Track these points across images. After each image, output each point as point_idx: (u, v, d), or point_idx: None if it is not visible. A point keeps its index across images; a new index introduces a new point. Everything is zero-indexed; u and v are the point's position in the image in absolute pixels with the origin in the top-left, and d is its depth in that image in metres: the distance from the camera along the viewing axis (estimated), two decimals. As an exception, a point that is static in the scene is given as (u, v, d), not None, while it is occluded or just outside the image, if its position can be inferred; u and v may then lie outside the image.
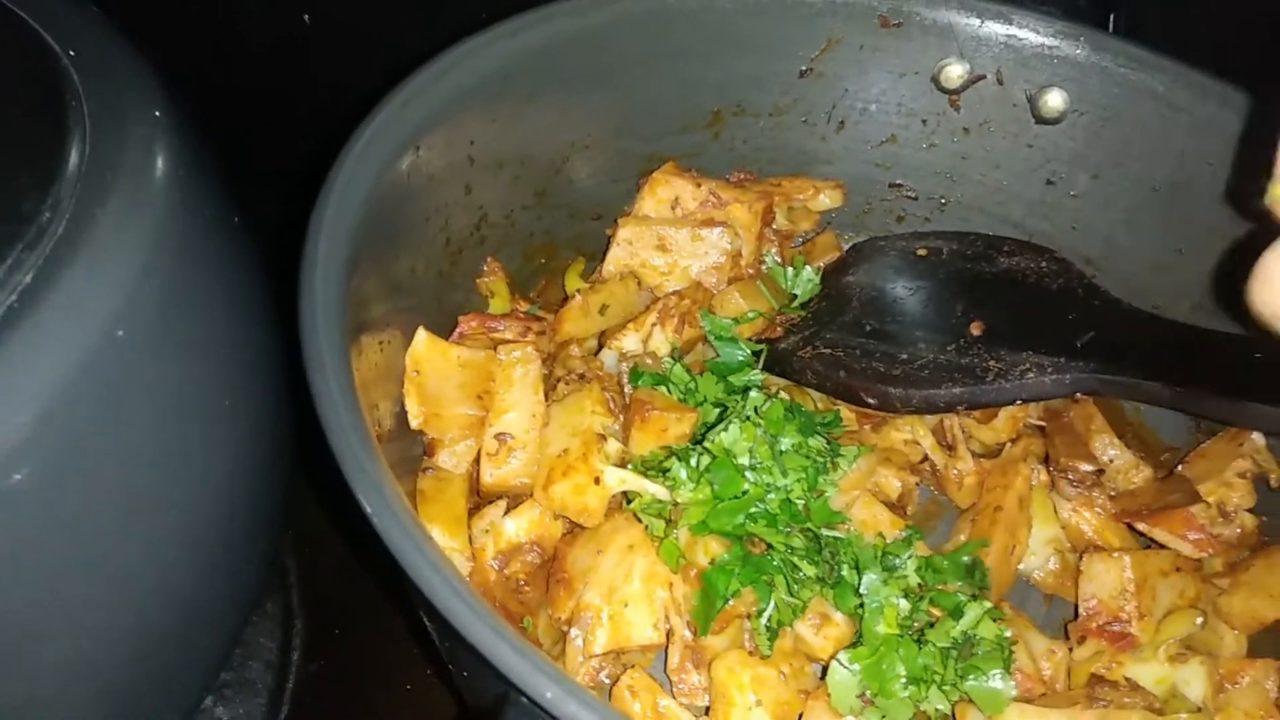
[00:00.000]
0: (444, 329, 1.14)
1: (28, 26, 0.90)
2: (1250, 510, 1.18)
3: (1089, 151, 1.34)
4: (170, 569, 0.83)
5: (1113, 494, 1.18)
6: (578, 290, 1.23)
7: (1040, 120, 1.35)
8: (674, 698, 0.97)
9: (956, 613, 1.00)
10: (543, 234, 1.30)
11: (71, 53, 0.89)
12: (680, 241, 1.25)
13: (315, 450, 0.77)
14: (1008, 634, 1.00)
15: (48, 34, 0.90)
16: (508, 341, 1.12)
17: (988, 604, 1.01)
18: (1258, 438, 1.18)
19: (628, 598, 0.96)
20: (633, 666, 0.98)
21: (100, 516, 0.76)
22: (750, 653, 1.00)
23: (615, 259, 1.25)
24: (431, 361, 1.05)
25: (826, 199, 1.44)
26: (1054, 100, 1.33)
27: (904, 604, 1.00)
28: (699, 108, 1.37)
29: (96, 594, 0.77)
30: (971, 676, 0.97)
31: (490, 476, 1.04)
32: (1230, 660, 1.08)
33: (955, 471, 1.19)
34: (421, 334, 1.05)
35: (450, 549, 1.01)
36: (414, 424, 1.04)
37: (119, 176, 0.81)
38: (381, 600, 1.19)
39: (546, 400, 1.07)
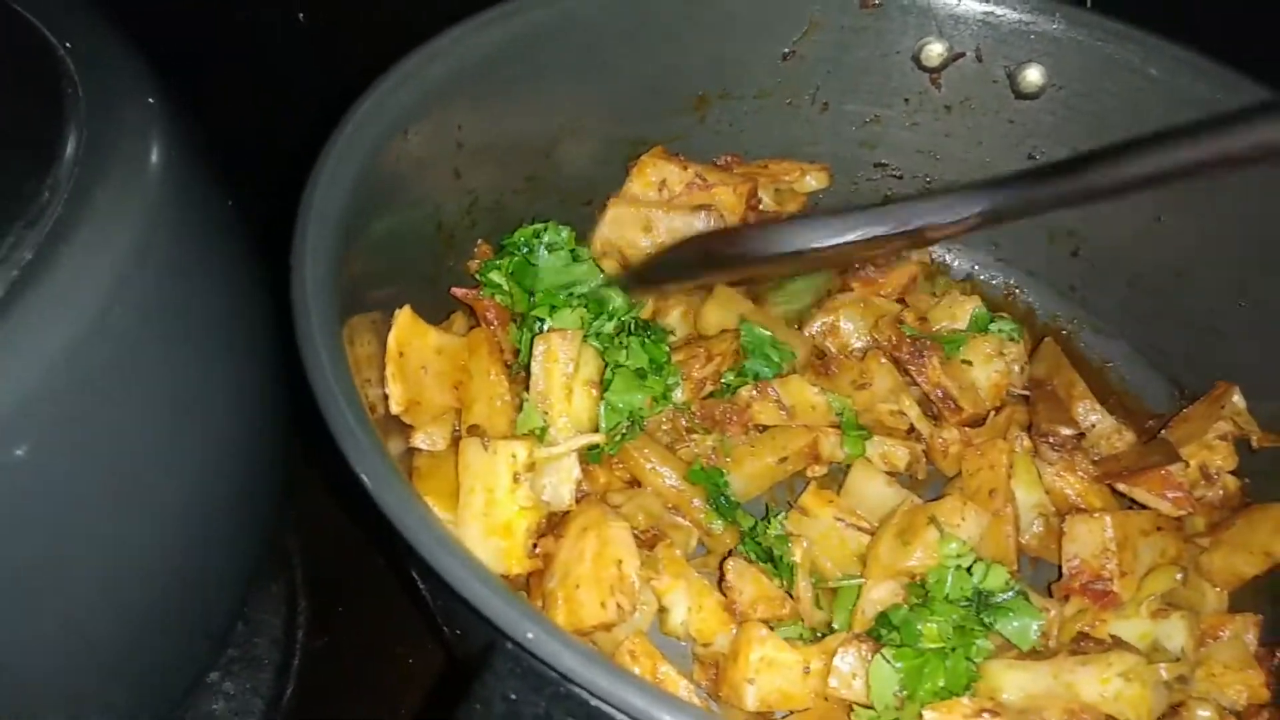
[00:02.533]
0: (436, 312, 1.17)
1: (27, 22, 0.93)
2: (1232, 472, 1.20)
3: (1068, 125, 1.36)
4: (169, 543, 0.86)
5: (1095, 458, 1.20)
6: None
7: (1020, 96, 1.38)
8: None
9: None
10: (533, 218, 1.32)
11: (68, 45, 0.92)
12: (664, 223, 1.27)
13: (314, 428, 0.80)
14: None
15: (46, 28, 0.93)
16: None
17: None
18: (1238, 400, 1.21)
19: (579, 579, 0.97)
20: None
21: (99, 490, 0.79)
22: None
23: (601, 238, 1.28)
24: (411, 344, 1.05)
25: (813, 180, 1.46)
26: (1032, 75, 1.35)
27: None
28: (684, 92, 1.40)
29: (95, 568, 0.80)
30: (999, 620, 1.00)
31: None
32: (1212, 616, 1.10)
33: (941, 440, 1.21)
34: (403, 312, 1.05)
35: (449, 523, 1.03)
36: (395, 409, 1.03)
37: (114, 160, 0.84)
38: (384, 577, 1.22)
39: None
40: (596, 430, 1.10)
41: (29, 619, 0.81)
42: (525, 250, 1.17)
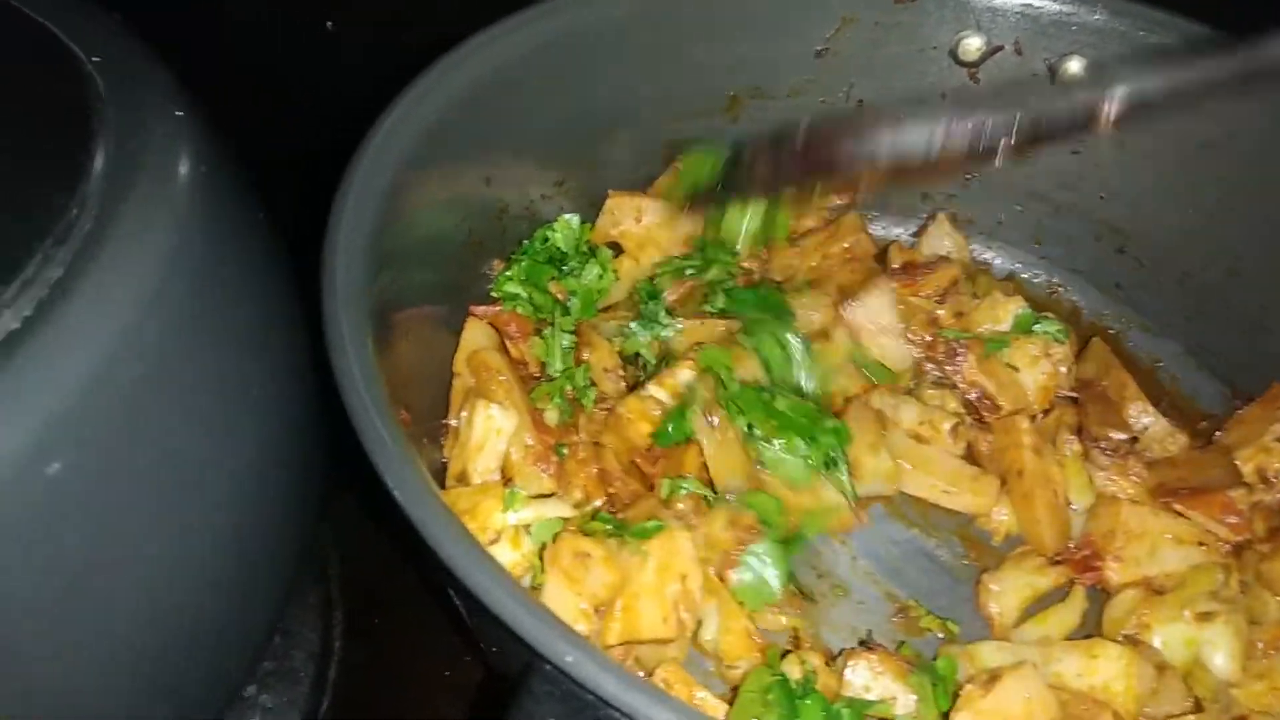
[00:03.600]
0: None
1: (53, 36, 0.93)
2: (1291, 475, 1.16)
3: (1113, 118, 1.33)
4: (205, 557, 0.84)
5: (1149, 461, 1.16)
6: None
7: (1062, 89, 1.34)
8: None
9: None
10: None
11: (95, 59, 0.92)
12: (653, 211, 1.26)
13: (351, 441, 0.79)
14: None
15: (72, 42, 0.93)
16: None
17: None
18: (1293, 398, 1.17)
19: (641, 588, 0.95)
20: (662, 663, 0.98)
21: (133, 506, 0.78)
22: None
23: (600, 226, 1.28)
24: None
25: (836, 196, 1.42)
26: (1074, 68, 1.32)
27: None
28: (716, 92, 1.37)
29: (132, 583, 0.79)
30: None
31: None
32: (1274, 626, 1.06)
33: (987, 443, 1.18)
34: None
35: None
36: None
37: (142, 174, 0.83)
38: (420, 590, 1.21)
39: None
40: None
41: (67, 634, 0.80)
42: (535, 251, 1.16)
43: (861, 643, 1.08)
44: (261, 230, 0.96)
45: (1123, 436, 1.15)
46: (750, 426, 1.07)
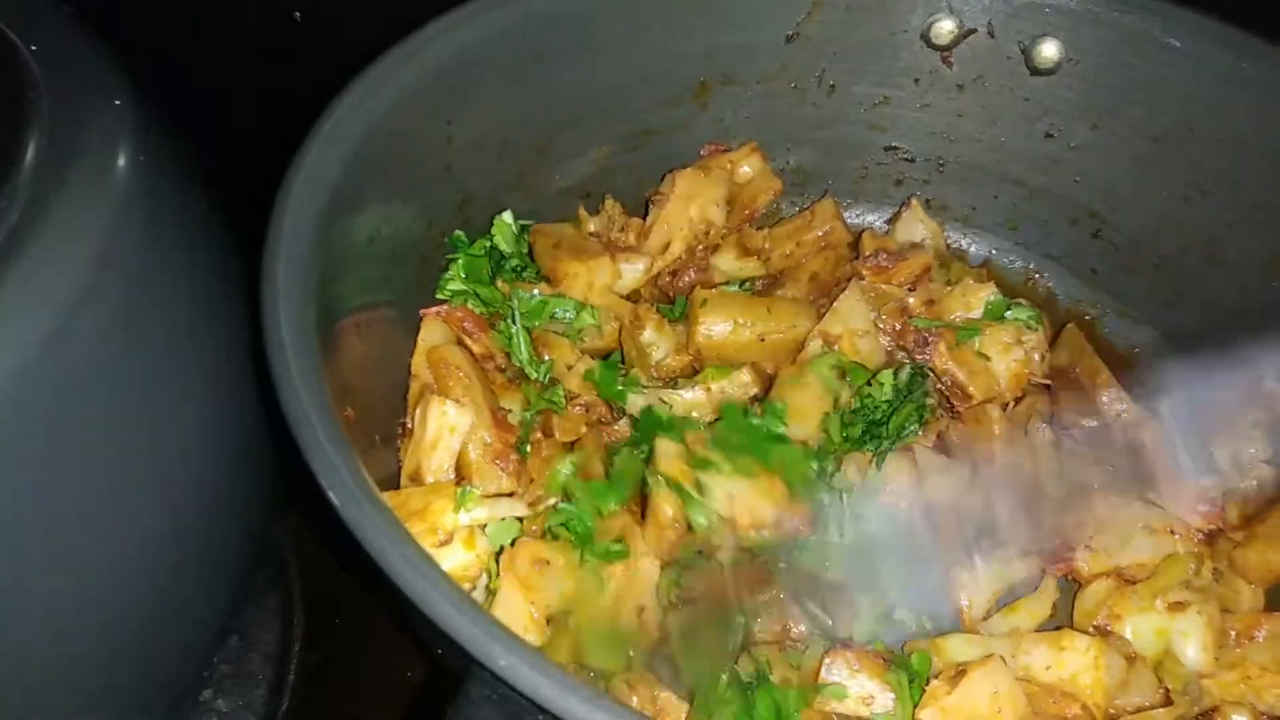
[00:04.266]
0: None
1: (-11, 24, 0.91)
2: (1266, 461, 1.14)
3: (1087, 101, 1.30)
4: (145, 556, 0.83)
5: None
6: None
7: (1035, 72, 1.32)
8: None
9: None
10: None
11: (33, 47, 0.89)
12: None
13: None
14: None
15: (10, 28, 0.90)
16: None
17: None
18: (1271, 384, 1.14)
19: (595, 614, 0.93)
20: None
21: (63, 508, 0.76)
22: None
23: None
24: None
25: (747, 168, 1.39)
26: (1048, 50, 1.30)
27: None
28: (684, 80, 1.35)
29: (66, 583, 0.77)
30: None
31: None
32: (1247, 615, 1.05)
33: (957, 433, 1.16)
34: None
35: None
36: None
37: (76, 166, 0.81)
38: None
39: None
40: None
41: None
42: (473, 248, 1.15)
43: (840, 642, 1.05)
44: (206, 224, 0.94)
45: (1094, 424, 1.13)
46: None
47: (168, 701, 0.94)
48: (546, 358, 1.14)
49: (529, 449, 1.07)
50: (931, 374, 1.19)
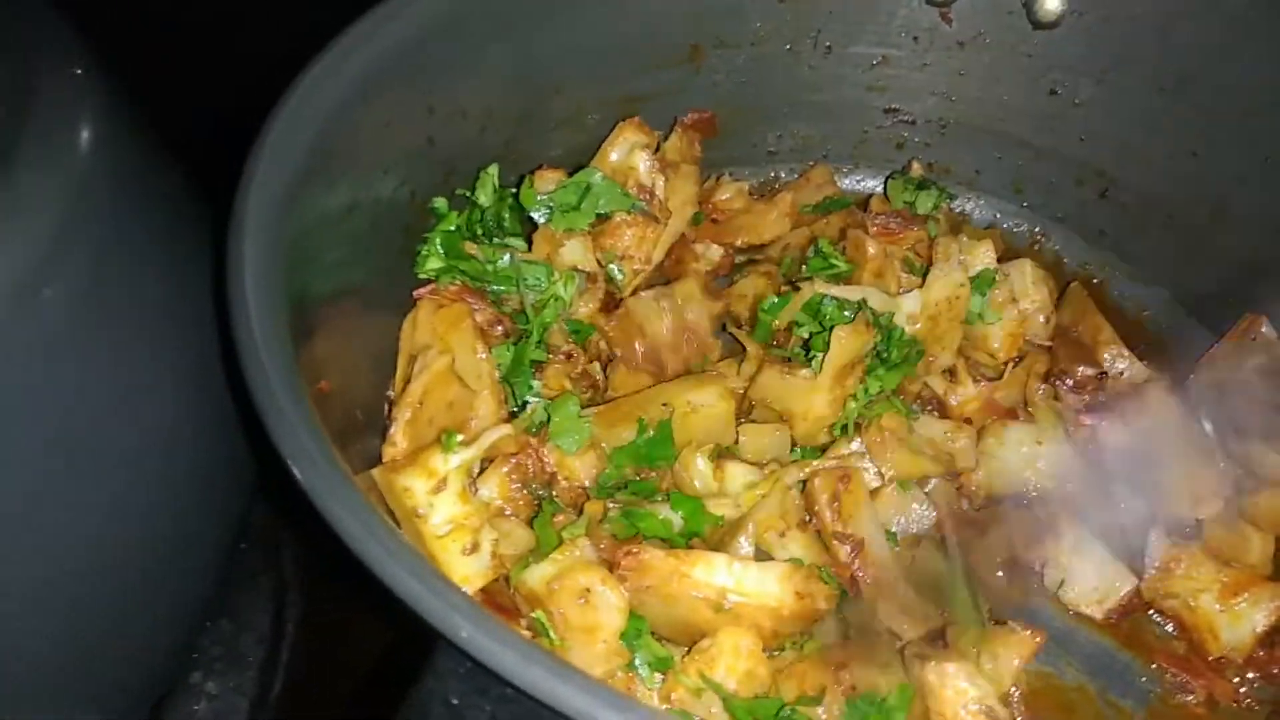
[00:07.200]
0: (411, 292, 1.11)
1: (-55, -3, 0.89)
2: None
3: (1091, 55, 1.26)
4: (119, 531, 0.81)
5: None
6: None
7: (1037, 26, 1.28)
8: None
9: None
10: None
11: (-12, 16, 0.87)
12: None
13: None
14: None
15: (-36, 4, 0.88)
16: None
17: None
18: (1268, 330, 1.11)
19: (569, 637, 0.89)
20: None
21: (40, 473, 0.74)
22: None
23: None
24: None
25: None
26: (1050, 3, 1.26)
27: None
28: (675, 43, 1.31)
29: (37, 561, 0.76)
30: None
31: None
32: (1242, 572, 1.00)
33: (956, 397, 1.12)
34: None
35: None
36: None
37: (35, 137, 0.79)
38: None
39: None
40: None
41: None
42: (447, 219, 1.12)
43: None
44: (175, 195, 0.92)
45: (1090, 371, 1.10)
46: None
47: (154, 686, 0.93)
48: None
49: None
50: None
